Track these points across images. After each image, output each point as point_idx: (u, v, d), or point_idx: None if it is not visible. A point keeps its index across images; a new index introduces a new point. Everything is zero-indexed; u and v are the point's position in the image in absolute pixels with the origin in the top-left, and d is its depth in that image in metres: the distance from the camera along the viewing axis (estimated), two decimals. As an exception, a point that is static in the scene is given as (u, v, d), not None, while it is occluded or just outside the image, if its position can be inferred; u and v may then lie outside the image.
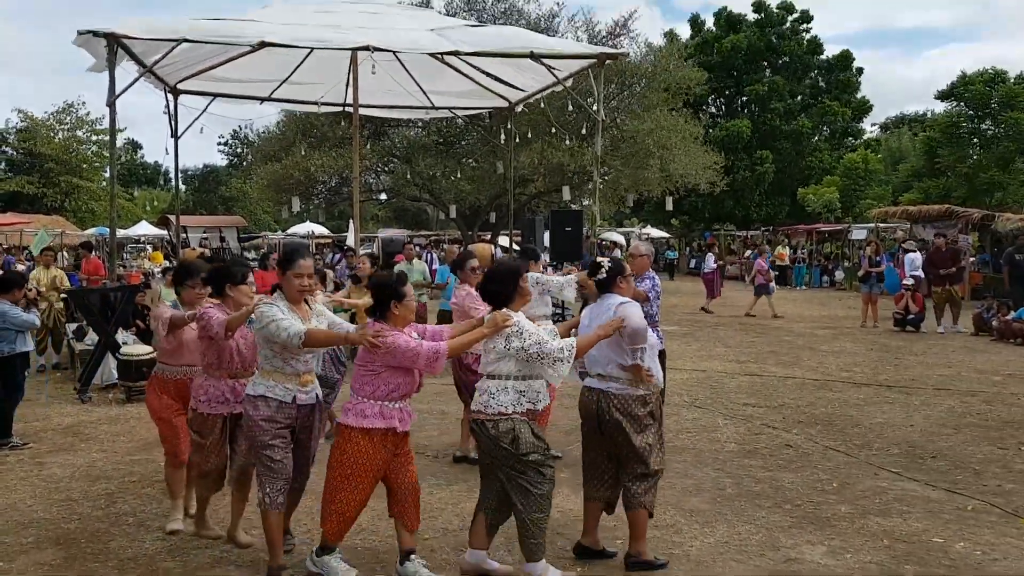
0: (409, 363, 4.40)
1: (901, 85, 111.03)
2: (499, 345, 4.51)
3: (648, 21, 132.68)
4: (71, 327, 11.66)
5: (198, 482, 5.29)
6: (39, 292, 11.03)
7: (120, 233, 27.45)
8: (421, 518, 4.75)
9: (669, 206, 25.25)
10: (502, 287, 4.64)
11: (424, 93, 14.55)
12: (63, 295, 11.69)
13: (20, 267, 17.74)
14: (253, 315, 4.68)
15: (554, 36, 22.36)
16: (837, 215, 38.20)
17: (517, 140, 16.97)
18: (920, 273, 17.41)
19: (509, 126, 15.42)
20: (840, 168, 40.63)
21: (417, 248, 18.33)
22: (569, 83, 12.40)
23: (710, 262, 21.69)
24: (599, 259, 5.16)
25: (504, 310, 4.55)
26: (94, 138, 46.64)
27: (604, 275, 4.92)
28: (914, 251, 19.30)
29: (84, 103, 48.89)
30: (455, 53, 10.72)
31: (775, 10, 42.72)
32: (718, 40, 42.08)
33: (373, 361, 4.43)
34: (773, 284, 19.71)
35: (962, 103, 34.96)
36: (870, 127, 51.94)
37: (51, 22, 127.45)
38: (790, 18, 42.87)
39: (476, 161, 24.90)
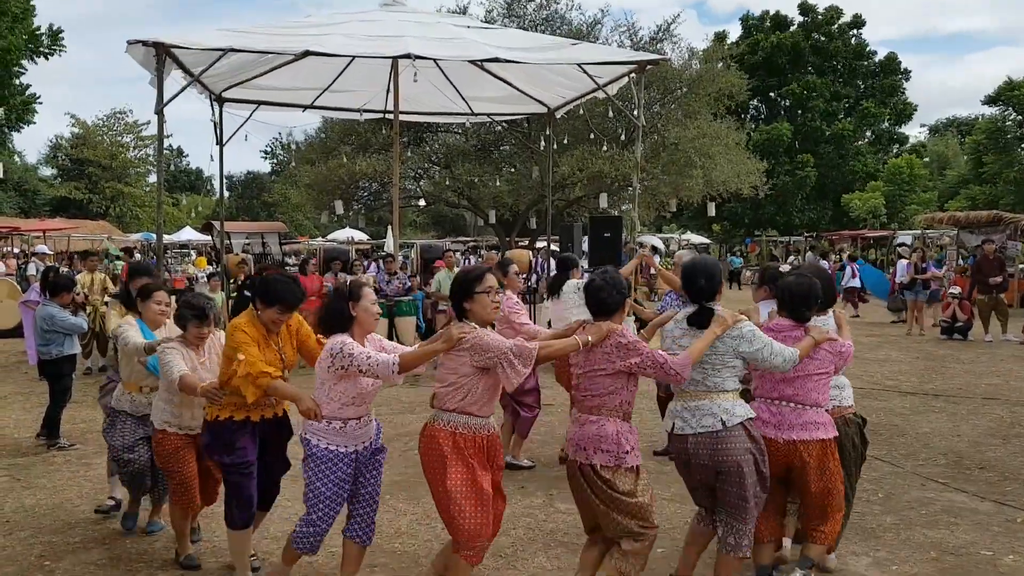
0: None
1: (945, 90, 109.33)
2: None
3: (687, 26, 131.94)
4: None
5: None
6: (86, 296, 11.26)
7: (165, 239, 27.99)
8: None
9: (712, 212, 25.02)
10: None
11: (464, 99, 14.62)
12: (108, 299, 11.91)
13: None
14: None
15: (596, 43, 22.32)
16: (882, 221, 37.64)
17: (556, 146, 16.97)
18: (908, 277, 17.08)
19: (548, 132, 15.42)
20: (885, 173, 40.04)
21: (458, 255, 18.39)
22: (611, 89, 12.37)
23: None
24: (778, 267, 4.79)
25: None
26: (140, 144, 47.67)
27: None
28: (907, 258, 18.63)
29: (132, 111, 50.09)
30: (495, 60, 10.75)
31: (820, 13, 42.28)
32: (760, 41, 41.73)
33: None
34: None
35: (1009, 108, 34.29)
36: (918, 128, 51.16)
37: (97, 33, 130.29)
38: (839, 21, 42.39)
39: (515, 167, 24.93)
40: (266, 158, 58.48)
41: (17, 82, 29.25)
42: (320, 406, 4.23)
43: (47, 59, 29.28)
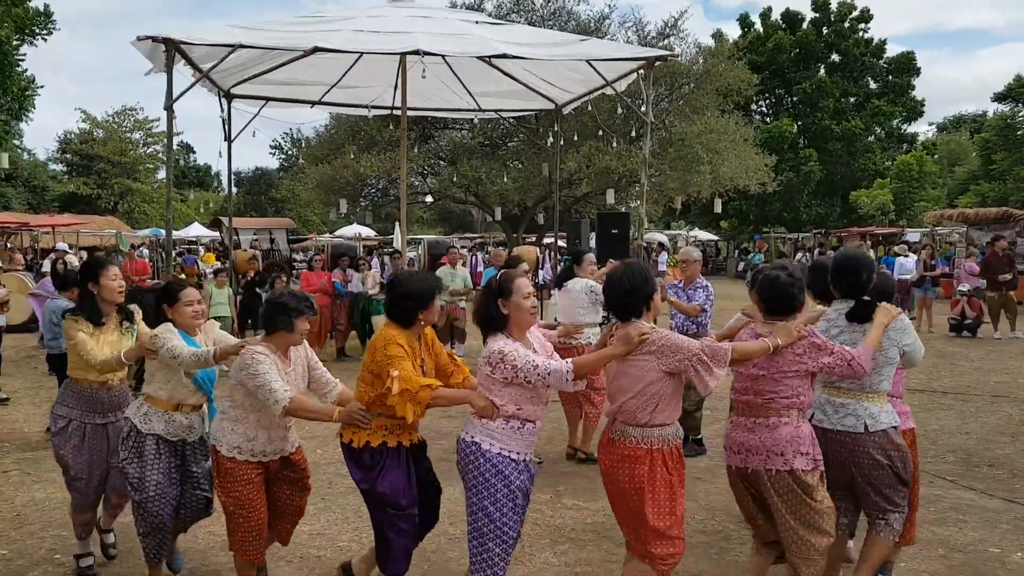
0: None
1: (953, 86, 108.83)
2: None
3: (694, 21, 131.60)
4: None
5: None
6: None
7: (174, 235, 28.03)
8: (464, 518, 4.73)
9: (718, 208, 25.01)
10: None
11: (471, 95, 14.62)
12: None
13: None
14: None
15: (604, 38, 22.30)
16: (891, 218, 37.52)
17: (563, 142, 16.94)
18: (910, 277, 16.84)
19: (556, 128, 15.41)
20: (894, 170, 39.92)
21: (464, 251, 18.38)
22: (619, 86, 12.35)
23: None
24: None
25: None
26: (149, 140, 47.85)
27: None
28: (904, 256, 18.22)
29: (142, 108, 50.29)
30: (504, 56, 10.75)
31: (834, 8, 42.07)
32: (767, 38, 41.60)
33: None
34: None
35: (1019, 104, 34.15)
36: (927, 126, 50.96)
37: (105, 29, 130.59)
38: (849, 17, 42.23)
39: (522, 163, 24.93)
40: (274, 153, 58.54)
41: (19, 68, 29.41)
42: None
43: (45, 40, 29.42)
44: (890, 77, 42.79)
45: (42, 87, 31.08)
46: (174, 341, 4.30)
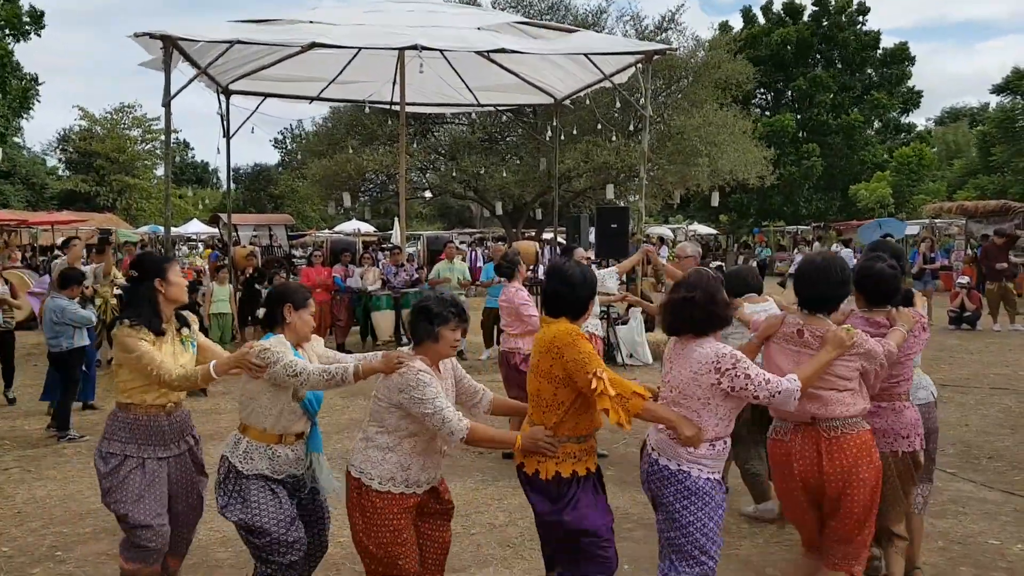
0: None
1: (955, 78, 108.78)
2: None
3: (691, 14, 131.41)
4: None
5: None
6: (95, 289, 11.30)
7: (172, 231, 28.14)
8: (468, 512, 4.75)
9: (715, 201, 24.99)
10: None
11: (470, 90, 14.62)
12: (117, 291, 11.94)
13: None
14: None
15: (601, 32, 22.27)
16: (890, 211, 37.51)
17: (563, 137, 16.93)
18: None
19: (555, 123, 15.41)
20: (892, 163, 39.91)
21: (464, 247, 18.39)
22: (618, 79, 12.35)
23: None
24: None
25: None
26: (148, 137, 47.82)
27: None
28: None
29: (141, 105, 50.28)
30: (502, 51, 10.75)
31: (832, 1, 42.02)
32: (768, 33, 41.54)
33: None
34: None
35: (1018, 97, 34.13)
36: (924, 121, 50.94)
37: (103, 26, 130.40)
38: (848, 10, 42.17)
39: (521, 158, 24.91)
40: (277, 147, 58.55)
41: (23, 70, 29.46)
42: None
43: (39, 35, 29.51)
44: (885, 68, 42.75)
45: (42, 84, 31.15)
46: (291, 356, 3.64)
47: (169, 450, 3.95)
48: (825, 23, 41.76)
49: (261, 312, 3.92)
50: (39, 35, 29.61)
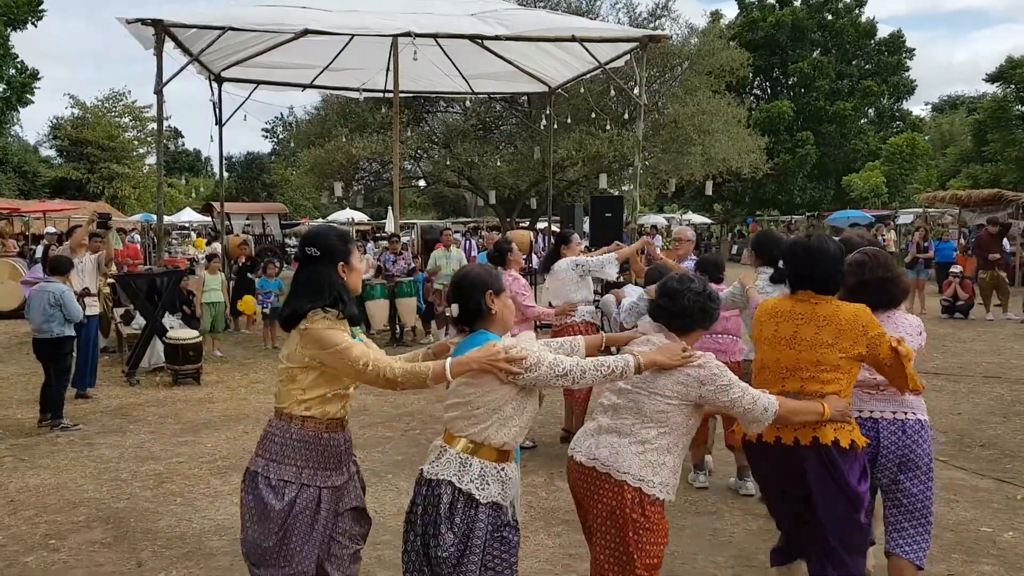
0: None
1: (949, 67, 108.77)
2: None
3: (684, 2, 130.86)
4: (118, 312, 11.88)
5: None
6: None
7: (165, 220, 28.02)
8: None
9: (708, 191, 24.97)
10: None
11: (464, 78, 14.57)
12: (110, 280, 11.91)
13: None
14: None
15: (595, 19, 22.21)
16: (884, 200, 37.58)
17: (556, 126, 16.89)
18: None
19: (549, 111, 15.38)
20: (885, 152, 39.96)
21: (458, 236, 18.33)
22: (613, 67, 12.32)
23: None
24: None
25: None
26: (137, 124, 47.61)
27: None
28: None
29: (130, 91, 50.06)
30: (496, 38, 10.71)
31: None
32: (763, 19, 41.47)
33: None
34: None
35: (1012, 86, 34.17)
36: (921, 107, 50.92)
37: (95, 11, 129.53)
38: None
39: (515, 147, 24.86)
40: (267, 137, 58.45)
41: (18, 61, 29.34)
42: None
43: (35, 26, 29.32)
44: (882, 57, 42.73)
45: (41, 78, 31.03)
46: (547, 352, 3.05)
47: (342, 475, 3.21)
48: (821, 9, 41.65)
49: (453, 309, 3.16)
50: (35, 25, 29.43)
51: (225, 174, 18.67)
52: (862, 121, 42.62)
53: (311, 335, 3.01)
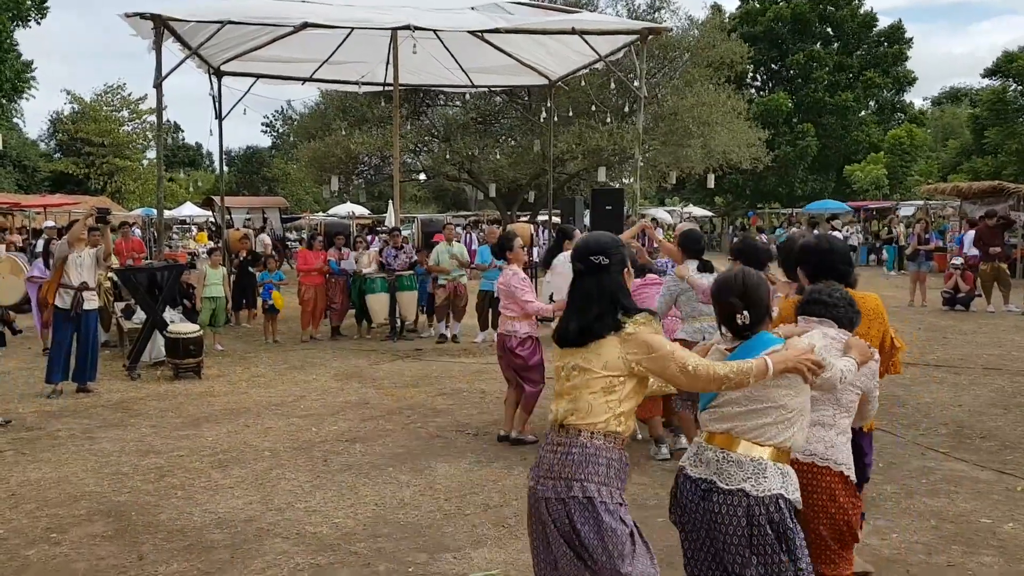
0: None
1: (949, 59, 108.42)
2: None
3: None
4: (119, 306, 11.89)
5: None
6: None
7: (166, 214, 27.99)
8: (462, 493, 4.75)
9: (711, 183, 24.95)
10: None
11: (464, 71, 14.56)
12: (111, 275, 11.91)
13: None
14: None
15: (595, 12, 22.16)
16: (885, 192, 37.52)
17: (556, 118, 16.87)
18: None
19: (549, 104, 15.36)
20: (885, 144, 39.89)
21: (458, 229, 18.29)
22: (613, 59, 12.30)
23: None
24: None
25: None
26: (134, 118, 47.56)
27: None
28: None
29: (125, 84, 50.00)
30: (496, 31, 10.70)
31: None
32: (762, 12, 41.34)
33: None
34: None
35: (1010, 79, 34.08)
36: (921, 100, 50.83)
37: (93, 6, 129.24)
38: None
39: (515, 140, 24.84)
40: (266, 132, 58.39)
41: (16, 53, 29.32)
42: None
43: (39, 23, 29.27)
44: (881, 48, 42.62)
45: (36, 69, 31.02)
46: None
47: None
48: (824, 2, 41.49)
49: (745, 317, 3.06)
50: (39, 22, 29.38)
51: (225, 168, 18.66)
52: (863, 113, 42.52)
53: (638, 339, 2.87)
